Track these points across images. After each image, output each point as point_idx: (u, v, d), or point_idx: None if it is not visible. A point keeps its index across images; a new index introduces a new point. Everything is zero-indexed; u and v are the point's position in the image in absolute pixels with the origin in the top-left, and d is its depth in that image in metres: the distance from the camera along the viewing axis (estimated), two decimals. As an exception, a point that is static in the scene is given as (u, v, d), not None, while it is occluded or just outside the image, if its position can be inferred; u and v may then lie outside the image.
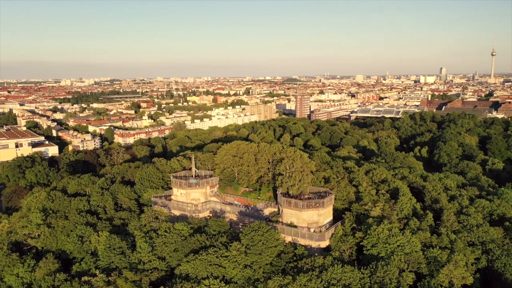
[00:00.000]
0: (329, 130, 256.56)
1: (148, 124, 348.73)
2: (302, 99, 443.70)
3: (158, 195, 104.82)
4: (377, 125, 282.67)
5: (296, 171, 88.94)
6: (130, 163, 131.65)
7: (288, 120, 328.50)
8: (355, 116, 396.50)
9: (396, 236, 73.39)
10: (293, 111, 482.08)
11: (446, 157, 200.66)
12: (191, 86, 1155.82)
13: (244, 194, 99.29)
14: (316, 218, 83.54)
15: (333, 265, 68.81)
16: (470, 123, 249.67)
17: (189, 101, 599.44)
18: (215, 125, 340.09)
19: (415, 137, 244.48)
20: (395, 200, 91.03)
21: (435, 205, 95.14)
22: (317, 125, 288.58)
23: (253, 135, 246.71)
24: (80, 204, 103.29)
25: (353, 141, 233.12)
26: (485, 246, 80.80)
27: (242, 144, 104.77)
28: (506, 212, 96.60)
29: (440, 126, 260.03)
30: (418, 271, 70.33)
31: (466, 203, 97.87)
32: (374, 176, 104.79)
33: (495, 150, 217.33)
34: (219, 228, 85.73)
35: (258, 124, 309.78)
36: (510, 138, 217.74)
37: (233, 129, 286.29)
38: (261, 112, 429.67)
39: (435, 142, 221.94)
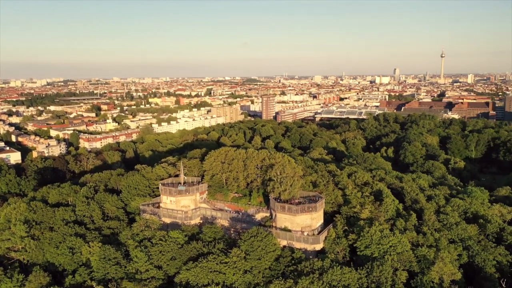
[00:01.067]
0: (298, 132, 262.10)
1: (113, 128, 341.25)
2: (268, 101, 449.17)
3: (146, 203, 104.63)
4: (343, 126, 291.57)
5: (287, 176, 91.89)
6: (112, 170, 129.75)
7: (256, 122, 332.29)
8: (320, 117, 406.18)
9: (388, 237, 77.78)
10: (258, 113, 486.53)
11: (411, 157, 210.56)
12: (150, 87, 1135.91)
13: (234, 200, 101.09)
14: (309, 222, 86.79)
15: (332, 267, 72.06)
16: (430, 124, 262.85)
17: (151, 102, 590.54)
18: (183, 128, 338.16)
19: (380, 137, 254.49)
20: (379, 202, 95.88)
21: (415, 205, 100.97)
22: (286, 127, 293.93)
23: (224, 138, 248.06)
24: (65, 214, 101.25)
25: (322, 142, 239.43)
26: (464, 243, 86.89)
27: (230, 150, 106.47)
28: (479, 210, 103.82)
29: (403, 127, 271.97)
30: (410, 269, 74.88)
31: (442, 202, 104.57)
32: (357, 179, 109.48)
33: (454, 149, 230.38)
34: (214, 234, 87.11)
35: (227, 126, 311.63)
36: (468, 138, 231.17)
37: (202, 132, 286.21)
38: (226, 114, 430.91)
39: (399, 142, 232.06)
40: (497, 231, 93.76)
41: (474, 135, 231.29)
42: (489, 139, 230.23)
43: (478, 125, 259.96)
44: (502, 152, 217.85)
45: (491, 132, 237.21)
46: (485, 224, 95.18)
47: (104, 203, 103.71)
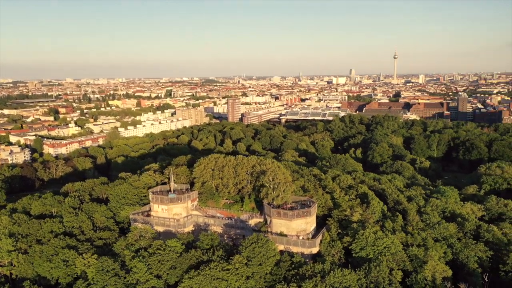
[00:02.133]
0: (268, 135, 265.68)
1: (76, 132, 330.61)
2: (233, 103, 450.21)
3: (136, 212, 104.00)
4: (311, 128, 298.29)
5: (279, 182, 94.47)
6: (94, 179, 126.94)
7: (224, 124, 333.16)
8: (285, 119, 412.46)
9: (382, 238, 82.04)
10: (222, 115, 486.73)
11: (379, 157, 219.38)
12: (107, 88, 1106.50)
13: (226, 206, 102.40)
14: (304, 226, 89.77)
15: (333, 270, 75.29)
16: (394, 125, 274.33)
17: (112, 105, 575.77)
18: (149, 131, 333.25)
19: (348, 139, 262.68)
20: (366, 205, 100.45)
21: (398, 206, 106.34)
22: (254, 129, 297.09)
23: (195, 142, 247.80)
24: (53, 226, 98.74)
25: (292, 144, 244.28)
26: (447, 241, 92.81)
27: (220, 157, 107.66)
28: (455, 209, 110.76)
29: (368, 128, 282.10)
30: (404, 269, 79.35)
31: (422, 202, 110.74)
32: (341, 182, 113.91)
33: (418, 149, 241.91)
34: (211, 242, 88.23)
35: (195, 129, 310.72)
36: (430, 138, 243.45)
37: (171, 135, 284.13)
38: (192, 116, 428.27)
39: (367, 143, 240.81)
40: (474, 228, 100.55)
41: (435, 136, 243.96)
42: (449, 139, 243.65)
43: (438, 126, 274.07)
44: (462, 151, 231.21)
45: (450, 132, 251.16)
46: (463, 222, 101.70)
47: (93, 213, 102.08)
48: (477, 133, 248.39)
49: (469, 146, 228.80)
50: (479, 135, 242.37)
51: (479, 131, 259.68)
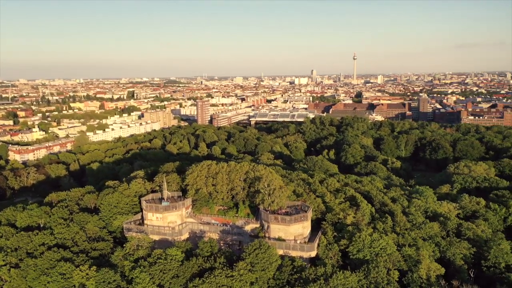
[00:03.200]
0: (242, 137, 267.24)
1: (40, 137, 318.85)
2: (203, 105, 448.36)
3: (128, 221, 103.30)
4: (283, 130, 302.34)
5: (275, 188, 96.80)
6: (80, 188, 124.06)
7: (195, 127, 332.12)
8: (255, 120, 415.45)
9: (378, 240, 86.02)
10: (190, 117, 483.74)
11: (352, 158, 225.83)
12: (65, 90, 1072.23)
13: (220, 213, 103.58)
14: (301, 230, 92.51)
15: (335, 272, 78.36)
16: (364, 126, 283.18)
17: (74, 108, 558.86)
18: (119, 135, 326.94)
19: (320, 140, 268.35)
20: (357, 207, 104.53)
21: (384, 208, 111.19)
22: (227, 132, 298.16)
23: (170, 146, 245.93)
24: (45, 238, 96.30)
25: (267, 147, 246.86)
26: (433, 240, 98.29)
27: (212, 164, 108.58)
28: (437, 209, 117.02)
29: (339, 129, 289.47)
30: (399, 268, 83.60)
31: (406, 203, 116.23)
32: (329, 185, 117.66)
33: (387, 149, 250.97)
34: (211, 249, 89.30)
35: (166, 132, 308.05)
36: (398, 139, 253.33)
37: (142, 139, 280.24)
38: (159, 118, 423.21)
39: (339, 145, 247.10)
40: (455, 227, 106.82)
41: (403, 136, 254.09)
42: (416, 140, 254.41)
43: (405, 127, 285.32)
44: (428, 151, 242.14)
45: (417, 133, 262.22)
46: (445, 221, 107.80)
47: (85, 224, 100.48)
48: (441, 133, 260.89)
49: (435, 146, 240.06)
50: (444, 135, 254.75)
51: (443, 131, 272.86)
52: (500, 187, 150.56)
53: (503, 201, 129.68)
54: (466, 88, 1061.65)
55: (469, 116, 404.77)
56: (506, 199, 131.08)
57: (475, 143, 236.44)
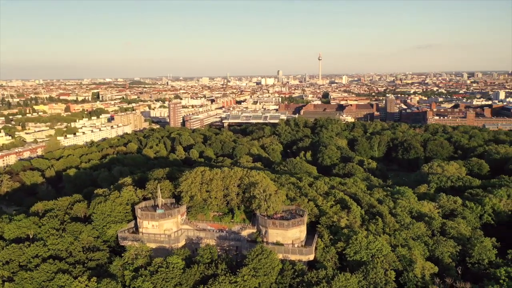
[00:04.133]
0: (219, 140, 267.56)
1: (7, 142, 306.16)
2: (175, 107, 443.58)
3: (123, 230, 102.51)
4: (258, 132, 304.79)
5: (271, 193, 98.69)
6: (68, 197, 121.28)
7: (169, 130, 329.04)
8: (228, 122, 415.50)
9: (374, 242, 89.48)
10: (161, 119, 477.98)
11: (329, 159, 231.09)
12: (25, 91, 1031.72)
13: (216, 219, 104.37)
14: (299, 234, 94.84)
15: (337, 275, 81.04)
16: (338, 128, 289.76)
17: (38, 110, 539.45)
18: (90, 139, 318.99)
19: (296, 142, 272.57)
20: (348, 210, 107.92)
21: (372, 209, 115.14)
22: (203, 134, 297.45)
23: (146, 150, 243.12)
24: (38, 250, 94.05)
25: (244, 149, 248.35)
26: (421, 240, 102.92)
27: (206, 170, 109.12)
28: (420, 209, 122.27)
29: (313, 131, 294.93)
30: (395, 268, 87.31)
31: (392, 204, 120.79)
32: (318, 189, 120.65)
33: (361, 150, 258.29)
34: (211, 255, 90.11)
35: (140, 136, 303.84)
36: (372, 139, 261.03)
37: (117, 143, 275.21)
38: (130, 121, 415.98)
39: (315, 146, 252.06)
40: (440, 226, 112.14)
41: (376, 137, 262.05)
42: (388, 140, 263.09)
43: (377, 128, 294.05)
44: (401, 151, 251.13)
45: (389, 133, 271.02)
46: (430, 221, 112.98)
47: (79, 234, 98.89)
48: (412, 134, 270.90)
49: (407, 146, 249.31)
50: (414, 135, 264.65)
51: (413, 131, 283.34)
52: (473, 186, 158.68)
53: (477, 199, 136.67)
54: (427, 88, 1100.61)
55: (435, 116, 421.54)
56: (480, 197, 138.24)
57: (444, 143, 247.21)
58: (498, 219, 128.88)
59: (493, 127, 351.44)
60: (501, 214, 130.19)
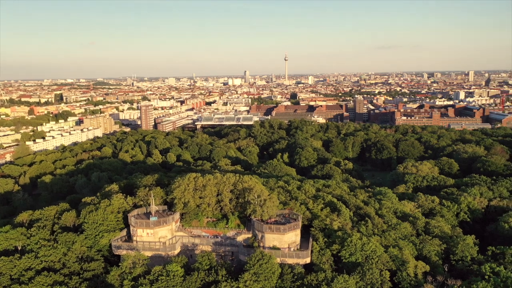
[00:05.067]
0: (195, 143, 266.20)
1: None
2: (146, 110, 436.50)
3: (116, 239, 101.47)
4: (233, 134, 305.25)
5: (266, 199, 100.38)
6: (55, 206, 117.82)
7: (143, 133, 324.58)
8: (201, 124, 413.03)
9: (368, 243, 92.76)
10: (132, 122, 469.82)
11: (306, 161, 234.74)
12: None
13: (210, 225, 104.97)
14: (294, 238, 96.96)
15: (336, 277, 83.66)
16: (312, 129, 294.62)
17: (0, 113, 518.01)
18: (60, 143, 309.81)
19: (272, 144, 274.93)
20: (338, 212, 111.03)
21: (360, 211, 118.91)
22: (178, 137, 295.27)
23: (122, 154, 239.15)
24: (30, 262, 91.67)
25: (222, 152, 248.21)
26: (408, 239, 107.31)
27: (199, 177, 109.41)
28: (405, 209, 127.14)
29: (288, 132, 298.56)
30: (389, 269, 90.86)
31: (377, 205, 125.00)
32: (307, 192, 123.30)
33: (336, 151, 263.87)
34: (209, 262, 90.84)
35: (113, 139, 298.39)
36: (346, 140, 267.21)
37: (89, 148, 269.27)
38: (100, 124, 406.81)
39: (291, 148, 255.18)
40: (424, 225, 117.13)
41: (350, 138, 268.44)
42: (362, 141, 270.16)
43: (350, 129, 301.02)
44: (374, 151, 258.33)
45: (362, 134, 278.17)
46: (414, 221, 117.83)
47: (73, 244, 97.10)
48: (384, 134, 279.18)
49: (380, 146, 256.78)
50: (386, 136, 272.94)
51: (385, 132, 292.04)
52: (447, 185, 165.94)
53: (453, 198, 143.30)
54: (391, 88, 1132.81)
55: (402, 116, 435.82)
56: (455, 196, 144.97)
57: (415, 143, 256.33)
58: (473, 217, 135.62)
59: (457, 126, 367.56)
60: (476, 212, 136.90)
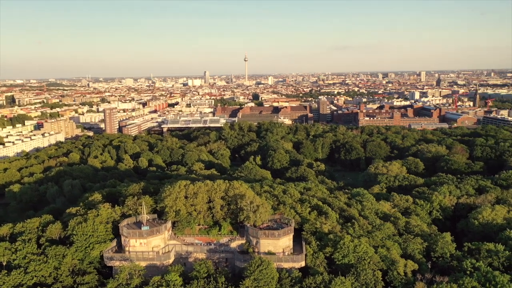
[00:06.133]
0: (166, 147, 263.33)
1: None
2: (111, 113, 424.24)
3: (107, 250, 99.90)
4: (204, 137, 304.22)
5: (258, 205, 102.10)
6: (38, 218, 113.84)
7: (109, 137, 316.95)
8: (167, 127, 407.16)
9: (360, 245, 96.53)
10: (94, 125, 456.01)
11: (278, 163, 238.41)
12: None
13: (202, 232, 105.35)
14: (288, 242, 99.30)
15: (333, 279, 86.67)
16: (282, 131, 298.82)
17: None
18: (21, 149, 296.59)
19: (243, 147, 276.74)
20: (325, 215, 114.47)
21: (344, 213, 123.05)
22: (146, 141, 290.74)
23: (92, 160, 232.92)
24: (20, 278, 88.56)
25: (194, 156, 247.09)
26: (392, 239, 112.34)
27: (189, 184, 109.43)
28: (384, 209, 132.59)
29: (258, 135, 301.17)
30: (380, 268, 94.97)
31: (359, 207, 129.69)
32: (293, 196, 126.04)
33: (306, 153, 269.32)
34: (207, 269, 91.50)
35: (78, 144, 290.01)
36: (316, 142, 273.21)
37: (55, 154, 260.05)
38: (61, 128, 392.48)
39: (263, 150, 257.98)
40: (404, 225, 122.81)
41: (320, 140, 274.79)
42: (331, 142, 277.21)
43: (319, 130, 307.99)
44: (343, 152, 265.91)
45: (330, 136, 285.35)
46: (395, 221, 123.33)
47: (64, 257, 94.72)
48: (352, 135, 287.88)
49: (349, 147, 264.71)
50: (354, 137, 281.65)
51: (352, 133, 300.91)
52: (418, 185, 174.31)
53: (425, 197, 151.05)
54: (349, 88, 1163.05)
55: (365, 117, 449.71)
56: (427, 195, 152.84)
57: (382, 144, 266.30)
58: (445, 214, 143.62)
59: (417, 126, 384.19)
60: (447, 210, 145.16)
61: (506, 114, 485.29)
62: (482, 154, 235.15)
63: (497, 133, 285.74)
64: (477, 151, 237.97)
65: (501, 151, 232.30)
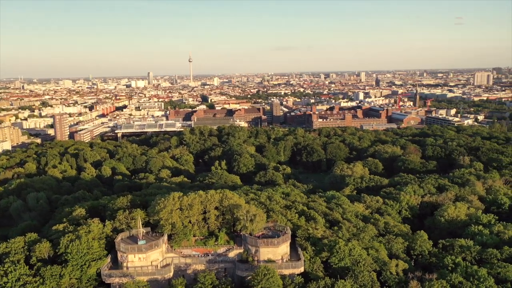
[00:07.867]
0: (127, 154, 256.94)
1: None
2: (61, 119, 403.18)
3: (104, 267, 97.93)
4: (164, 143, 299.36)
5: (254, 214, 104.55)
6: (23, 237, 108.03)
7: (64, 144, 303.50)
8: (121, 133, 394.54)
9: (354, 248, 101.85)
10: (40, 131, 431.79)
11: (244, 167, 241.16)
12: None
13: (199, 243, 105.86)
14: (286, 249, 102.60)
15: (335, 283, 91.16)
16: (244, 135, 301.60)
17: None
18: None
19: (206, 151, 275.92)
20: (314, 220, 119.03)
21: (328, 217, 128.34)
22: (105, 148, 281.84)
23: (52, 170, 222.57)
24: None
25: (159, 163, 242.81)
26: (376, 239, 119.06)
27: (183, 196, 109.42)
28: (364, 212, 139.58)
29: (220, 139, 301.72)
30: (373, 270, 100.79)
31: (341, 210, 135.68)
32: (279, 203, 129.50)
33: (269, 156, 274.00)
34: (211, 281, 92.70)
35: (31, 153, 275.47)
36: (278, 145, 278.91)
37: (7, 164, 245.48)
38: (7, 136, 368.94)
39: (228, 155, 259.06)
40: (384, 226, 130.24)
41: (282, 143, 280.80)
42: (292, 145, 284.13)
43: (280, 133, 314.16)
44: (305, 154, 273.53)
45: (291, 138, 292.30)
46: (376, 222, 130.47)
47: (61, 277, 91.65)
48: (312, 137, 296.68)
49: (310, 150, 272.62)
50: (314, 139, 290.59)
51: (313, 135, 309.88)
52: (384, 185, 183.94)
53: (393, 197, 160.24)
54: (294, 89, 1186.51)
55: (319, 119, 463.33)
56: (394, 195, 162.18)
57: (341, 145, 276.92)
58: (413, 213, 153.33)
59: (368, 127, 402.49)
60: (414, 209, 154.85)
61: (444, 114, 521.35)
62: (433, 154, 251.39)
63: (443, 133, 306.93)
64: (428, 150, 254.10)
65: (450, 150, 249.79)
